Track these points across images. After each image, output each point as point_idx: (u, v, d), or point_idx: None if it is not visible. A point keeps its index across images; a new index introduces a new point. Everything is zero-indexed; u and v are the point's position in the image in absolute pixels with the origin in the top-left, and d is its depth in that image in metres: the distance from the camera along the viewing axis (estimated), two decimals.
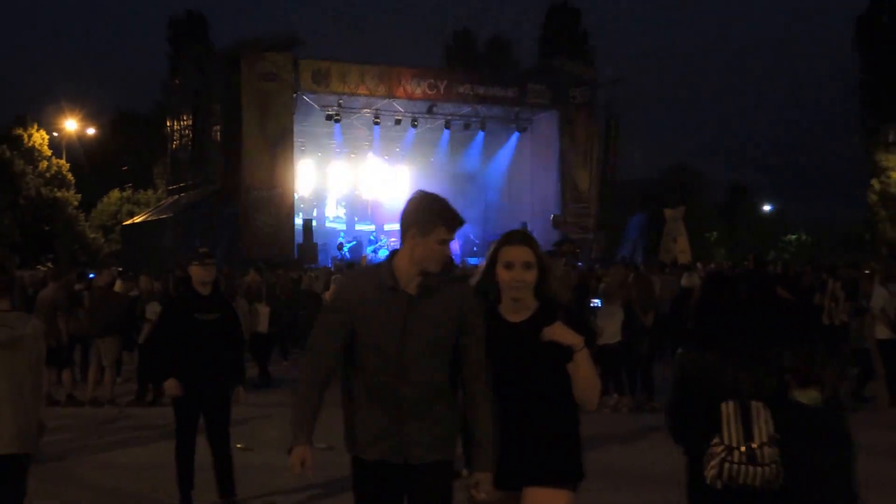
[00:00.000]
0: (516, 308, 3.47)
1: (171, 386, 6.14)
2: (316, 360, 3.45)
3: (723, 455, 3.69)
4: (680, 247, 27.73)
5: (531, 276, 3.41)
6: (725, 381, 3.82)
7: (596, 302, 11.32)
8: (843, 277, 11.47)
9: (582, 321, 3.53)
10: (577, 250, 25.96)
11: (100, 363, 11.67)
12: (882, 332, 10.18)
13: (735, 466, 3.66)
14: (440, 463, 3.43)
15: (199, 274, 6.23)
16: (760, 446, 3.67)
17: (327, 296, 13.44)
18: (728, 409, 3.73)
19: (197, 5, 71.58)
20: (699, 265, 21.58)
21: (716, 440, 3.72)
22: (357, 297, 3.43)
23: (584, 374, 3.39)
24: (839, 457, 3.84)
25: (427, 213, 3.35)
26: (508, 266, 3.41)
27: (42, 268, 22.37)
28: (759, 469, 3.65)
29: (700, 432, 3.80)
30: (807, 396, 3.91)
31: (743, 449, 3.67)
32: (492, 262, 3.49)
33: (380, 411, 3.40)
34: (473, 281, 3.61)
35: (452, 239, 3.40)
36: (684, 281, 13.96)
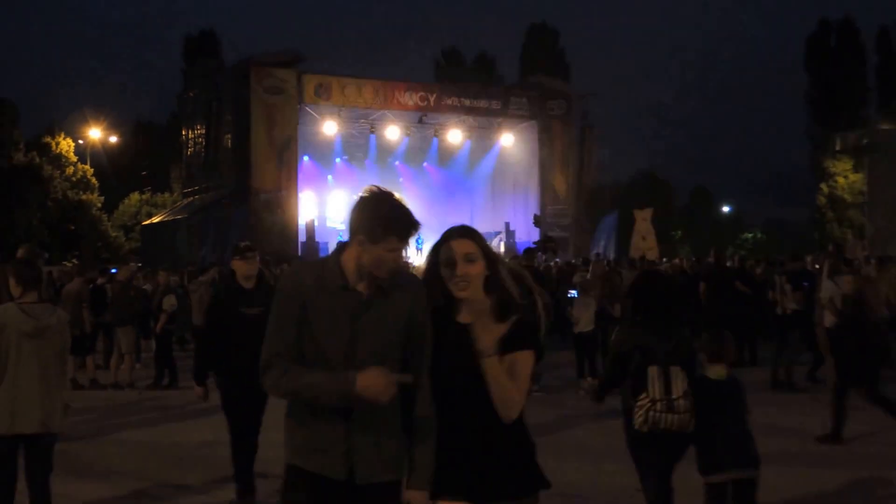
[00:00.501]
0: (466, 307, 2.89)
1: (196, 392, 5.91)
2: (283, 360, 2.77)
3: (648, 405, 4.29)
4: (648, 244, 27.76)
5: (475, 269, 2.84)
6: (649, 350, 4.41)
7: (573, 293, 11.34)
8: (787, 272, 11.52)
9: (533, 322, 2.92)
10: (556, 247, 26.02)
11: (120, 351, 11.63)
12: (830, 321, 10.24)
13: (657, 414, 4.29)
14: (390, 484, 2.83)
15: (242, 268, 5.77)
16: (677, 398, 4.29)
17: None
18: (653, 371, 4.33)
19: (209, 24, 71.55)
20: (665, 261, 21.68)
21: (643, 395, 4.32)
22: (304, 291, 2.78)
23: (491, 382, 2.78)
24: (736, 413, 4.49)
25: (377, 221, 2.70)
26: (450, 262, 2.83)
27: (68, 264, 22.25)
28: (675, 416, 4.29)
29: (631, 390, 4.41)
30: (715, 372, 4.54)
31: (664, 401, 4.28)
32: (434, 262, 2.91)
33: (325, 421, 2.77)
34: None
35: (405, 247, 2.78)
36: None
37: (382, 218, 2.70)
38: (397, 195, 2.82)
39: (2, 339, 4.67)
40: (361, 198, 2.80)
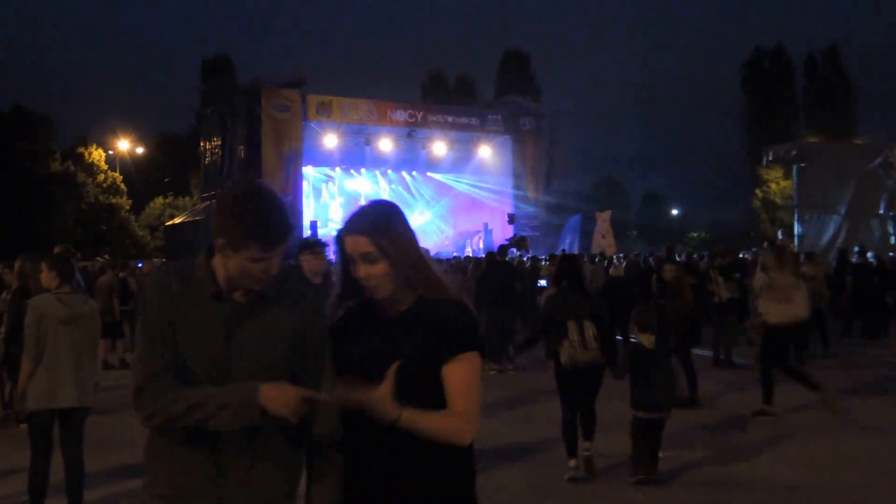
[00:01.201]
0: (387, 306, 2.11)
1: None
2: (162, 381, 1.96)
3: (569, 347, 5.35)
4: (607, 242, 27.87)
5: (378, 269, 2.04)
6: (567, 309, 5.48)
7: (542, 282, 11.36)
8: (718, 265, 11.58)
9: (474, 324, 2.09)
10: (528, 245, 26.12)
11: None
12: (763, 307, 10.28)
13: (576, 352, 5.33)
14: None
15: (311, 264, 4.88)
16: (589, 340, 5.35)
17: None
18: (571, 324, 5.39)
19: (224, 49, 71.09)
20: (622, 256, 21.84)
21: (565, 341, 5.37)
22: (172, 301, 1.99)
23: (422, 435, 1.97)
24: (660, 371, 5.43)
25: (236, 226, 1.93)
26: (351, 261, 2.08)
27: (100, 259, 22.05)
28: (589, 352, 5.36)
29: (555, 339, 5.45)
30: (647, 340, 5.42)
31: (580, 342, 5.34)
32: (341, 256, 2.14)
33: (188, 461, 1.97)
34: (336, 284, 2.18)
35: (272, 255, 1.95)
36: (612, 271, 13.98)
37: (242, 221, 1.92)
38: (268, 191, 2.00)
39: (41, 326, 4.67)
40: (226, 193, 2.01)
